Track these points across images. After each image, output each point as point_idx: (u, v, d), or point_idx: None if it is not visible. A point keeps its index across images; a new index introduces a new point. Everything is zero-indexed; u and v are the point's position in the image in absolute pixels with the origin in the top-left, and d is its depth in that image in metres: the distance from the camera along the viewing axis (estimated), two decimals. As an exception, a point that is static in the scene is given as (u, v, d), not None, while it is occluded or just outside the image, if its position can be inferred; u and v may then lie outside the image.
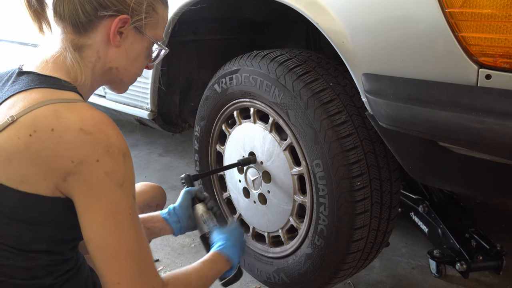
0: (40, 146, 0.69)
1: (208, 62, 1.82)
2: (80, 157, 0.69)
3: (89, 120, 0.71)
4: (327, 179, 1.16)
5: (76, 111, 0.72)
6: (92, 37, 0.81)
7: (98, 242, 0.72)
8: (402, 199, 1.69)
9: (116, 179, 0.71)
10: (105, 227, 0.72)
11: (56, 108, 0.71)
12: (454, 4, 0.80)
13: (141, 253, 0.76)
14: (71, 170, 0.69)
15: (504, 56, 0.78)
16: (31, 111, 0.70)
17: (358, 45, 0.99)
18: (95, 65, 0.83)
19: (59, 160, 0.69)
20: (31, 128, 0.69)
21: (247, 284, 1.58)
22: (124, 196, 0.73)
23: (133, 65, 0.88)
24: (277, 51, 1.30)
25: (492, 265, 1.44)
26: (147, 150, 3.04)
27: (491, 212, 2.05)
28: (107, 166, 0.70)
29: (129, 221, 0.74)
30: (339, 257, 1.22)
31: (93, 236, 0.72)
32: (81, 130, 0.69)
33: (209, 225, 1.10)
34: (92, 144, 0.69)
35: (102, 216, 0.71)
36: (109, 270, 0.73)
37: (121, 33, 0.83)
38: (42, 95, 0.72)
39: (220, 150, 1.57)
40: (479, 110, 0.80)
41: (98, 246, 0.73)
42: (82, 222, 0.72)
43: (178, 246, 1.84)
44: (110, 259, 0.73)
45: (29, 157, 0.69)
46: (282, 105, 1.22)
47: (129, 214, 0.74)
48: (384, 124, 0.98)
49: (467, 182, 1.06)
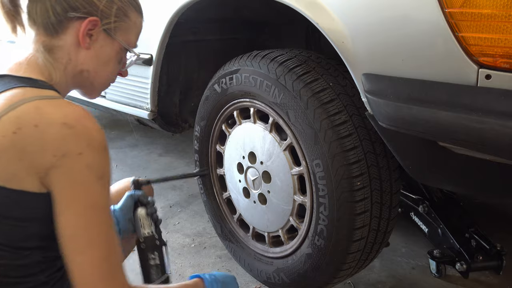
0: (25, 142, 0.70)
1: (208, 62, 1.82)
2: (63, 150, 0.70)
3: (71, 114, 0.73)
4: (327, 179, 1.16)
5: (57, 106, 0.74)
6: (63, 39, 0.83)
7: (72, 233, 0.73)
8: (402, 199, 1.69)
9: (96, 172, 0.73)
10: (83, 218, 0.73)
11: (38, 104, 0.73)
12: (454, 4, 0.80)
13: (114, 246, 0.77)
14: (54, 164, 0.70)
15: (504, 56, 0.78)
16: (13, 109, 0.71)
17: (358, 45, 0.99)
18: (66, 66, 0.85)
19: (43, 155, 0.70)
20: (15, 125, 0.70)
21: (247, 284, 1.58)
22: (102, 189, 0.75)
23: (104, 69, 0.90)
24: (277, 51, 1.30)
25: (492, 265, 1.44)
26: (147, 150, 3.04)
27: (491, 212, 2.05)
28: (88, 159, 0.72)
29: (106, 213, 0.76)
30: (339, 257, 1.22)
31: (69, 227, 0.73)
32: (64, 125, 0.71)
33: (145, 230, 1.08)
34: (75, 138, 0.71)
35: (81, 207, 0.73)
36: (83, 261, 0.74)
37: (91, 36, 0.84)
38: (22, 93, 0.74)
39: (220, 150, 1.57)
40: (479, 110, 0.80)
41: (72, 237, 0.73)
42: (60, 213, 0.73)
43: (178, 246, 1.84)
44: (85, 248, 0.73)
45: (14, 154, 0.70)
46: (282, 105, 1.22)
47: (106, 207, 0.76)
48: (384, 124, 0.98)
49: (467, 182, 1.06)
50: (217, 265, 1.71)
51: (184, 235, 1.94)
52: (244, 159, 1.44)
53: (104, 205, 0.76)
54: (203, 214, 2.06)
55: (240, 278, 1.60)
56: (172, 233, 1.95)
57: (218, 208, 1.65)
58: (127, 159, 2.88)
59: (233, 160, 1.49)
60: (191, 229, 1.98)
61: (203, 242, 1.88)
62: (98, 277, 0.74)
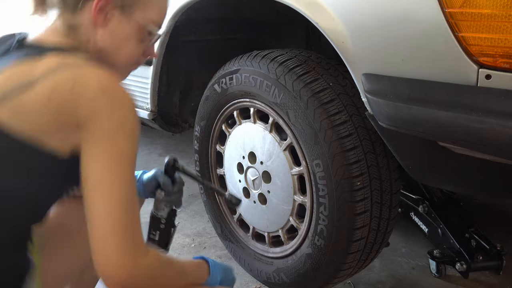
0: (60, 100, 0.73)
1: (208, 62, 1.82)
2: (97, 108, 0.73)
3: (105, 77, 0.76)
4: (327, 179, 1.16)
5: (92, 70, 0.76)
6: (82, 17, 0.83)
7: (97, 180, 0.74)
8: (402, 199, 1.69)
9: (128, 129, 0.76)
10: (111, 167, 0.74)
11: (74, 69, 0.75)
12: (454, 4, 0.80)
13: (134, 204, 0.77)
14: (87, 118, 0.73)
15: (504, 56, 0.78)
16: (51, 73, 0.74)
17: (358, 45, 0.99)
18: (87, 45, 0.85)
19: (77, 112, 0.73)
20: (53, 87, 0.73)
21: (247, 284, 1.58)
22: (132, 146, 0.77)
23: (124, 48, 0.87)
24: (277, 51, 1.30)
25: (492, 265, 1.44)
26: (147, 150, 3.03)
27: (491, 212, 2.05)
28: (121, 117, 0.75)
29: (132, 169, 0.77)
30: (339, 257, 1.22)
31: (95, 174, 0.74)
32: (98, 87, 0.74)
33: (156, 211, 1.11)
34: (109, 99, 0.74)
35: (110, 158, 0.74)
36: (101, 211, 0.74)
37: (107, 13, 0.83)
38: (56, 60, 0.76)
39: (220, 150, 1.57)
40: (479, 110, 0.80)
41: (96, 184, 0.74)
42: (86, 165, 0.75)
43: (178, 246, 1.84)
44: (107, 193, 0.74)
45: (49, 111, 0.73)
46: (282, 105, 1.22)
47: (132, 163, 0.77)
48: (384, 124, 0.98)
49: (467, 182, 1.06)
50: (217, 265, 1.71)
51: (184, 235, 1.94)
52: (244, 159, 1.44)
53: (131, 161, 0.77)
54: (203, 214, 2.06)
55: (240, 278, 1.60)
56: (172, 233, 1.95)
57: (218, 208, 1.65)
58: (127, 159, 2.87)
59: (233, 160, 1.49)
60: (191, 229, 1.98)
61: (203, 242, 1.88)
62: (110, 228, 0.73)
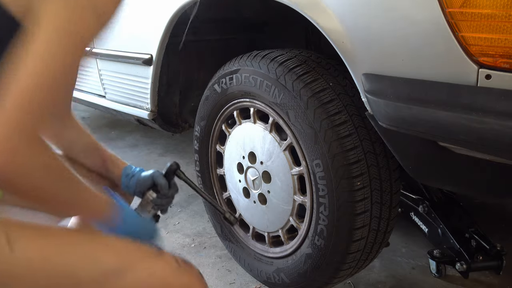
0: None
1: (208, 62, 1.82)
2: None
3: None
4: (327, 179, 1.16)
5: None
6: None
7: (37, 47, 0.61)
8: (402, 199, 1.69)
9: (97, 5, 0.66)
10: (60, 38, 0.63)
11: None
12: (454, 4, 0.80)
13: (56, 89, 0.64)
14: None
15: (504, 56, 0.78)
16: None
17: (358, 45, 0.99)
18: None
19: None
20: None
21: (247, 284, 1.58)
22: (94, 26, 0.67)
23: None
24: (277, 51, 1.30)
25: (492, 265, 1.44)
26: (147, 150, 3.03)
27: (491, 212, 2.05)
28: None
29: (81, 52, 0.66)
30: (339, 257, 1.22)
31: (37, 40, 0.62)
32: None
33: (140, 211, 1.04)
34: None
35: (63, 28, 0.63)
36: (16, 77, 0.60)
37: None
38: None
39: (220, 150, 1.57)
40: (479, 110, 0.80)
41: (29, 46, 0.61)
42: (32, 28, 0.63)
43: (178, 246, 1.84)
44: (29, 65, 0.61)
45: None
46: (282, 105, 1.22)
47: (84, 46, 0.66)
48: (384, 124, 0.98)
49: (467, 182, 1.06)
50: (217, 265, 1.71)
51: (184, 235, 1.94)
52: (244, 159, 1.44)
53: (85, 43, 0.66)
54: (203, 214, 2.06)
55: (240, 278, 1.60)
56: (172, 233, 1.95)
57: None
58: (127, 159, 2.84)
59: (233, 160, 1.49)
60: (191, 229, 1.98)
61: (203, 242, 1.88)
62: (12, 99, 0.59)
